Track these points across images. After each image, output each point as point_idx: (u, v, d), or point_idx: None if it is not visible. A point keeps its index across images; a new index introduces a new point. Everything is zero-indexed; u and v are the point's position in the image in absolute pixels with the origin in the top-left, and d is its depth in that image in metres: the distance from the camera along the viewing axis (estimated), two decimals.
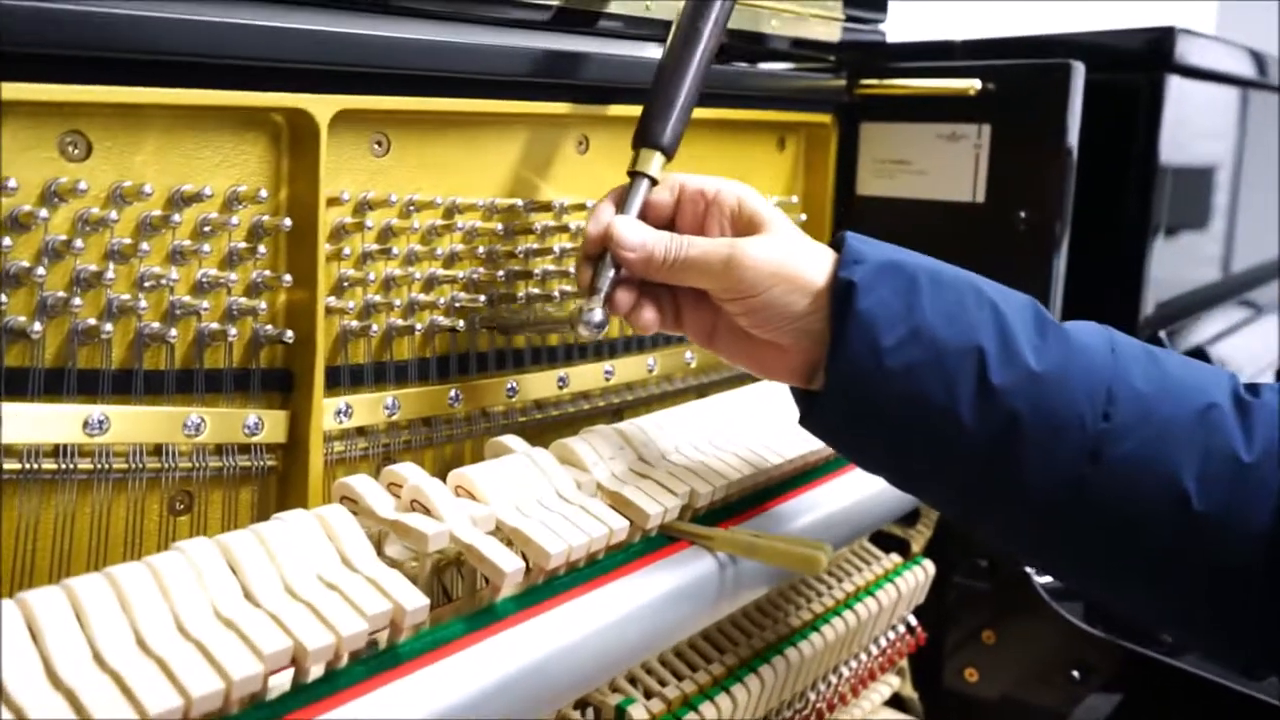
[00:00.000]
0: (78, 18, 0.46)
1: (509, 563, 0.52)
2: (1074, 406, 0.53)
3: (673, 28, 0.65)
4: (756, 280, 0.56)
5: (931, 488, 0.61)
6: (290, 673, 0.44)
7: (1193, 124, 1.07)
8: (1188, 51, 0.98)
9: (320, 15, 0.55)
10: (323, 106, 0.55)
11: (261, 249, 0.55)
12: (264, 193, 0.55)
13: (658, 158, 0.61)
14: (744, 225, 0.59)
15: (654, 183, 0.61)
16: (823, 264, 0.57)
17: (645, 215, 0.61)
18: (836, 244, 0.59)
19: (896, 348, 0.54)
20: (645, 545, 0.60)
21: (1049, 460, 0.54)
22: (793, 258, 0.57)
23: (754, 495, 0.69)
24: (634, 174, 0.61)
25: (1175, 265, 1.10)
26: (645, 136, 0.62)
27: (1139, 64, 0.96)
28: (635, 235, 0.58)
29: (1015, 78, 0.88)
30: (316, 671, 0.45)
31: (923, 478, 0.60)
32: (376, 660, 0.47)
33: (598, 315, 0.58)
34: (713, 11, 0.64)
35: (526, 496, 0.58)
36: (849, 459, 0.64)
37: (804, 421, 0.60)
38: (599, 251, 0.59)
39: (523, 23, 0.67)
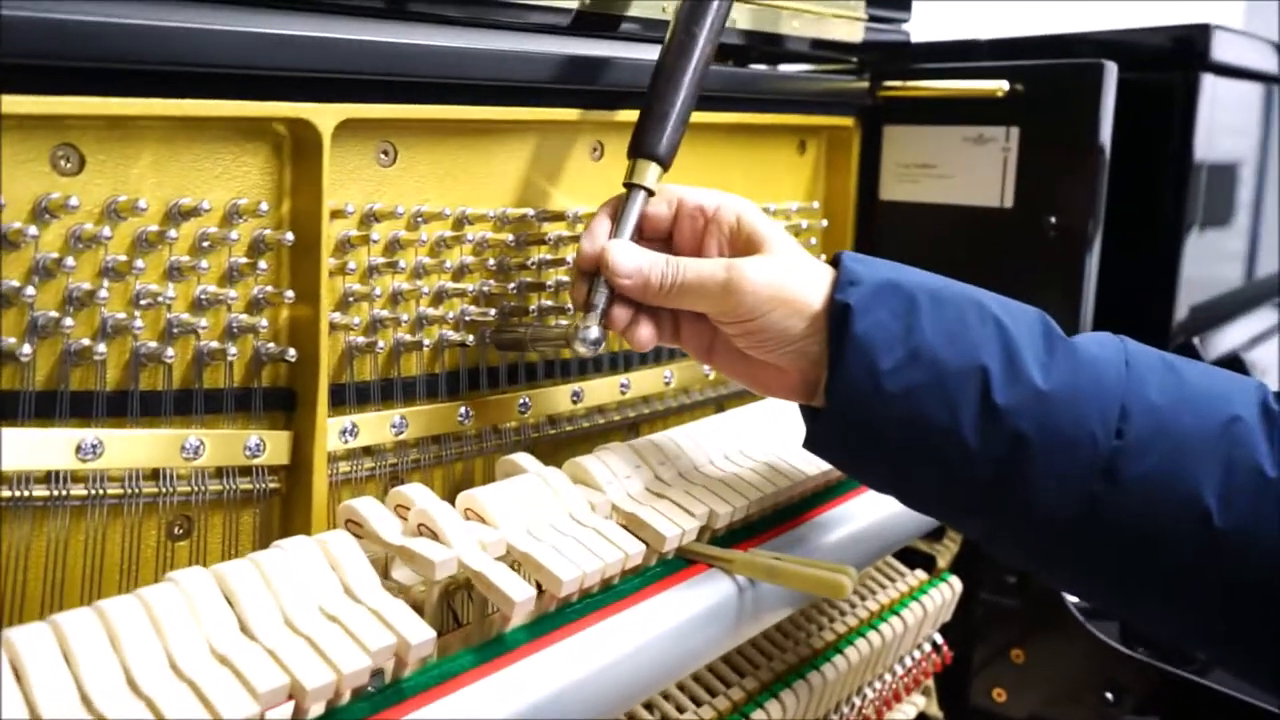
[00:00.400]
0: (70, 27, 0.44)
1: (519, 591, 0.50)
2: (1084, 424, 0.52)
3: (667, 35, 0.63)
4: (755, 304, 0.55)
5: (939, 509, 0.60)
6: (290, 707, 0.42)
7: (1224, 123, 1.04)
8: (1222, 49, 0.95)
9: (322, 21, 0.53)
10: (325, 116, 0.53)
11: (263, 264, 0.54)
12: (265, 206, 0.53)
13: (653, 169, 0.60)
14: (742, 243, 0.58)
15: (650, 194, 0.60)
16: (820, 285, 0.55)
17: (642, 229, 0.60)
18: (835, 262, 0.57)
19: (895, 370, 0.53)
20: (662, 569, 0.58)
21: (1059, 481, 0.52)
22: (791, 279, 0.55)
23: (775, 514, 0.66)
24: (630, 186, 0.60)
25: (1208, 269, 1.08)
26: (640, 147, 0.60)
27: (1172, 62, 0.93)
28: (630, 261, 0.56)
29: (1045, 78, 0.85)
30: (317, 710, 0.43)
31: (929, 499, 0.58)
32: (381, 696, 0.45)
33: (594, 333, 0.57)
34: (708, 17, 0.62)
35: (538, 519, 0.56)
36: (856, 480, 0.63)
37: (808, 444, 0.59)
38: (594, 269, 0.58)
39: (534, 26, 0.65)
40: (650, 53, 0.69)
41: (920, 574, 0.83)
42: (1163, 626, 0.58)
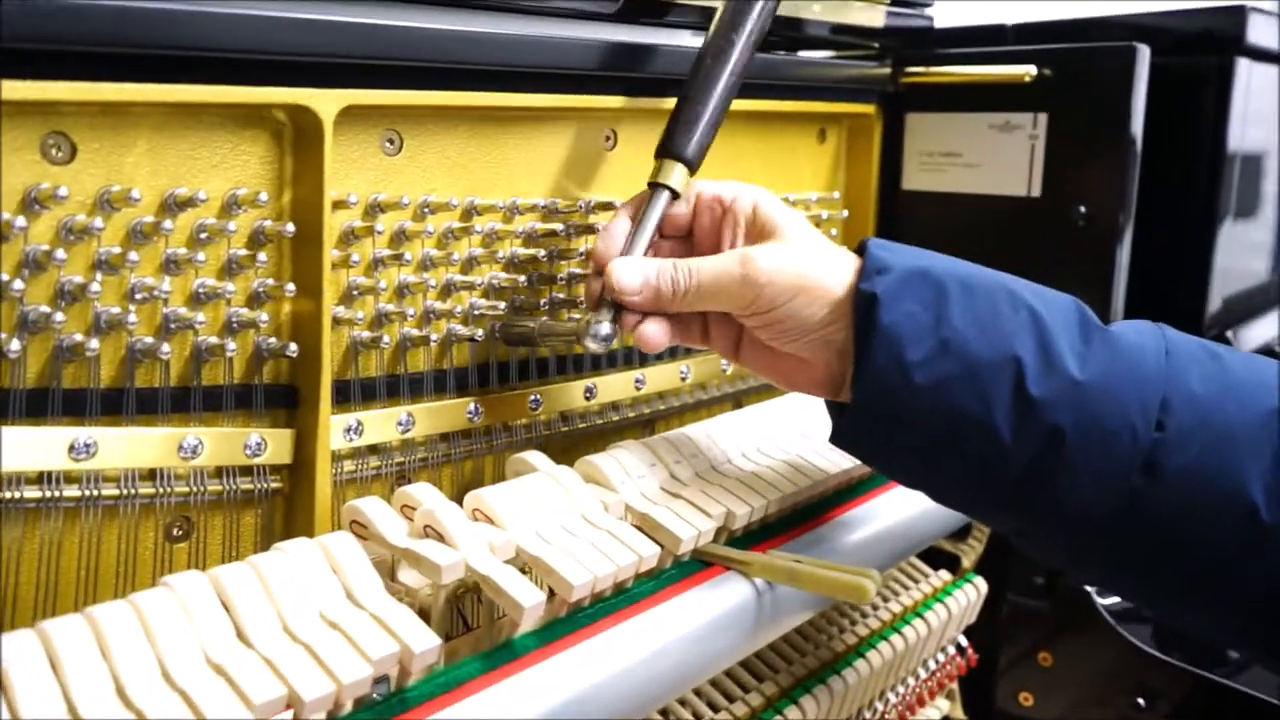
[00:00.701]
0: (61, 9, 0.43)
1: (528, 596, 0.48)
2: (1123, 416, 0.50)
3: (707, 36, 0.62)
4: (775, 294, 0.53)
5: (970, 504, 0.58)
6: (288, 718, 0.41)
7: (1256, 109, 1.01)
8: (1257, 32, 0.92)
9: (324, 3, 0.51)
10: (327, 102, 0.51)
11: (262, 256, 0.52)
12: (264, 196, 0.51)
13: (680, 170, 0.58)
14: (758, 233, 0.57)
15: (675, 196, 0.58)
16: (843, 272, 0.54)
17: (661, 224, 0.58)
18: (860, 249, 0.55)
19: (925, 362, 0.51)
20: (677, 572, 0.56)
21: (1097, 475, 0.50)
22: (809, 266, 0.53)
23: (795, 513, 0.64)
24: (654, 185, 0.58)
25: (1240, 260, 1.05)
26: (669, 147, 0.59)
27: (1206, 46, 0.90)
28: (635, 279, 0.55)
29: (1074, 63, 0.83)
30: None
31: (960, 495, 0.56)
32: (385, 705, 0.43)
33: (605, 328, 0.55)
34: (749, 23, 0.61)
35: (549, 520, 0.54)
36: (884, 475, 0.61)
37: (835, 439, 0.57)
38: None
39: (546, 10, 0.63)
40: (668, 37, 0.67)
41: (944, 575, 0.81)
42: (1199, 623, 0.56)
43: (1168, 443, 0.49)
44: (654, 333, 0.56)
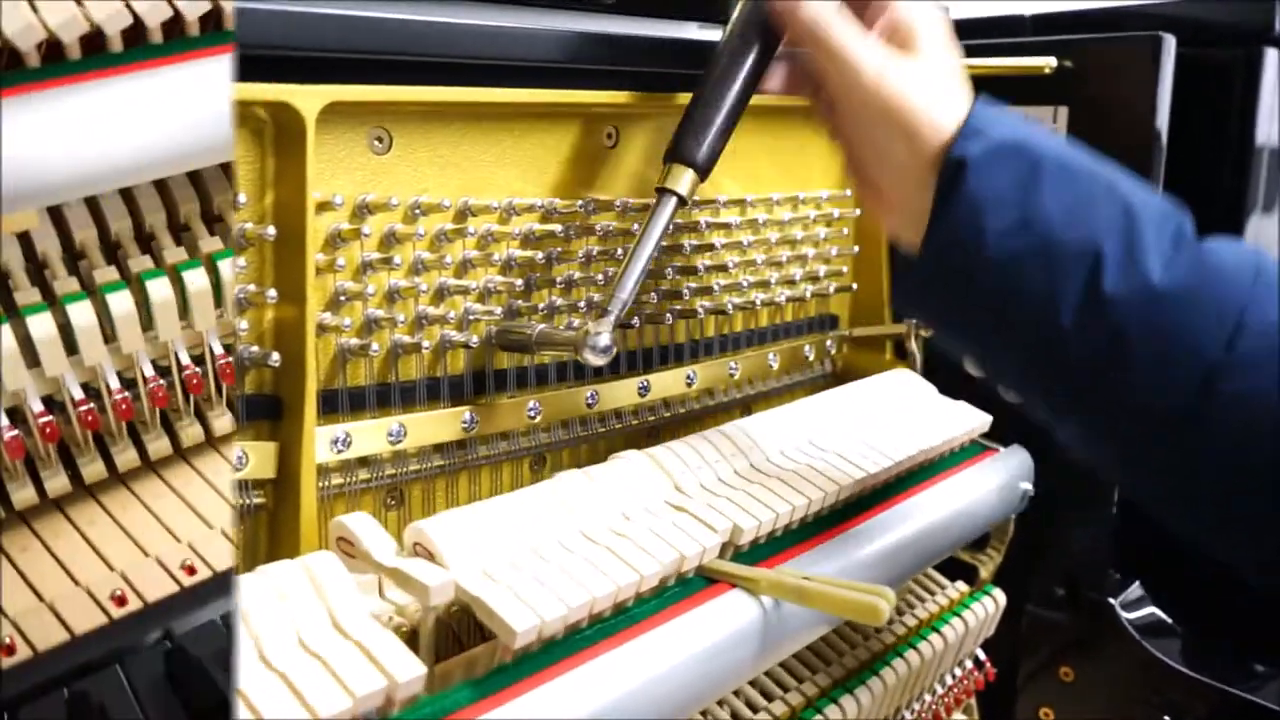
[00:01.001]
0: None
1: (521, 619, 0.45)
2: (1194, 331, 0.48)
3: (723, 35, 0.59)
4: (866, 112, 0.52)
5: (1018, 385, 0.56)
6: None
7: None
8: None
9: None
10: (309, 99, 0.49)
11: (242, 261, 0.49)
12: (244, 198, 0.49)
13: (689, 176, 0.57)
14: (898, 39, 0.54)
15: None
16: (946, 118, 0.52)
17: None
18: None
19: (1003, 234, 0.49)
20: (680, 590, 0.54)
21: (1156, 385, 0.48)
22: (917, 98, 0.52)
23: (805, 526, 0.62)
24: (662, 190, 0.56)
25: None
26: (679, 152, 0.57)
27: (1234, 36, 0.87)
28: None
29: (1096, 54, 0.80)
30: None
31: (1010, 375, 0.55)
32: None
33: (604, 340, 0.53)
34: (768, 22, 0.58)
35: (548, 538, 0.51)
36: (944, 343, 0.60)
37: (897, 298, 0.56)
38: None
39: (539, 2, 0.60)
40: (674, 29, 0.64)
41: (961, 586, 0.78)
42: (1230, 552, 0.54)
43: (1234, 365, 0.47)
44: (773, 80, 0.57)
